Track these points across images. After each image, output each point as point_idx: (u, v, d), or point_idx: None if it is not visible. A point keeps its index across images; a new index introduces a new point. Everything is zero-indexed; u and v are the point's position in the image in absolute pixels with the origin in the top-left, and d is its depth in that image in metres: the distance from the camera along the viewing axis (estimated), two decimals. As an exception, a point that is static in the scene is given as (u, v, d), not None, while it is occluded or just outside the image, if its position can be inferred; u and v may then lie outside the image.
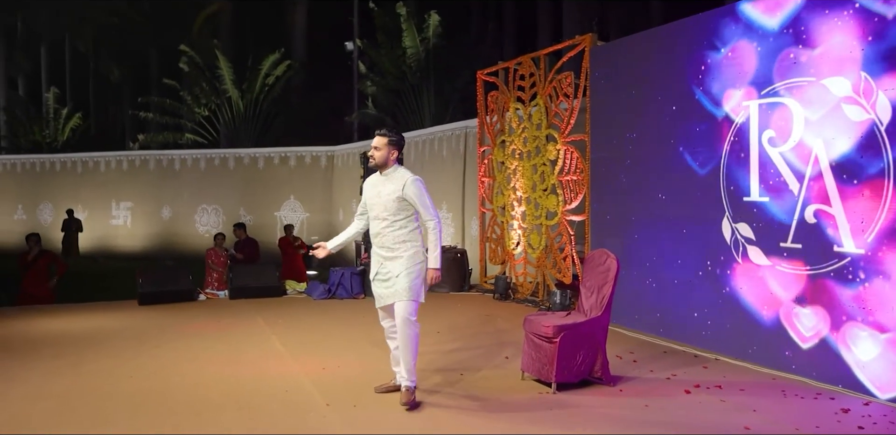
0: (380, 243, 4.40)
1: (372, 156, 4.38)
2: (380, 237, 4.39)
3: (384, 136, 4.38)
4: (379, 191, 4.41)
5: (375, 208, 4.41)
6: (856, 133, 4.45)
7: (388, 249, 4.36)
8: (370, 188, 4.48)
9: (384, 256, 4.38)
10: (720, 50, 5.51)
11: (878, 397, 4.28)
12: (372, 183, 4.49)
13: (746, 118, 5.27)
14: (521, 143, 8.37)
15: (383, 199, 4.37)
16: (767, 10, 5.08)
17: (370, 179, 4.53)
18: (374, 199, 4.42)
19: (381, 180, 4.44)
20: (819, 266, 4.70)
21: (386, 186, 4.39)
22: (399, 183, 4.35)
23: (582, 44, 7.39)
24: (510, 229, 8.69)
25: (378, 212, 4.40)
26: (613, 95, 6.86)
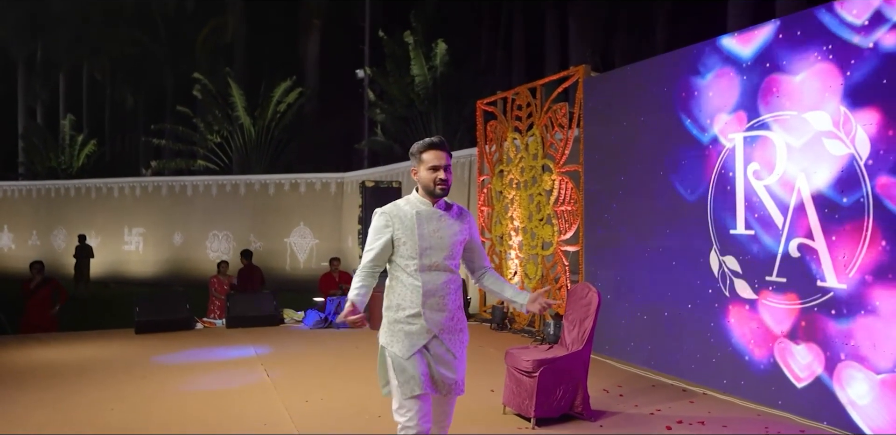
0: (436, 306, 2.99)
1: (446, 178, 3.00)
2: (437, 297, 2.99)
3: (447, 152, 3.04)
4: (438, 228, 3.03)
5: (434, 254, 3.00)
6: (836, 167, 4.42)
7: (450, 315, 3.03)
8: (419, 225, 3.02)
9: (444, 324, 3.01)
10: (706, 82, 5.52)
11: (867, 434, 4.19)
12: (423, 217, 3.03)
13: (732, 150, 5.25)
14: (519, 173, 8.39)
15: (448, 241, 3.03)
16: (742, 43, 5.09)
17: (407, 212, 3.04)
18: (431, 241, 3.01)
19: (436, 215, 3.05)
20: (804, 301, 4.63)
21: (448, 223, 3.05)
22: (464, 219, 3.12)
23: (576, 75, 7.43)
24: (507, 259, 8.67)
25: (438, 259, 3.01)
26: (606, 126, 6.87)
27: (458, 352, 3.09)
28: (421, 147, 3.04)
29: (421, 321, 2.98)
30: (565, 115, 7.51)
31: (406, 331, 2.98)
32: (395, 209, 3.08)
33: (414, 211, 3.04)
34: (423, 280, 2.99)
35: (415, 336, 2.99)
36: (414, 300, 2.98)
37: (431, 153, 3.01)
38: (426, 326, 2.98)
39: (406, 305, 2.99)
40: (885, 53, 4.13)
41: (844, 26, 4.40)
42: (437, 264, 3.01)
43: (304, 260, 17.67)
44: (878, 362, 4.11)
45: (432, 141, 3.03)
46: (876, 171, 4.16)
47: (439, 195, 3.03)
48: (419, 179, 3.05)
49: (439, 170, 3.00)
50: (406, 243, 3.00)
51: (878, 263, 4.15)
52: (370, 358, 6.92)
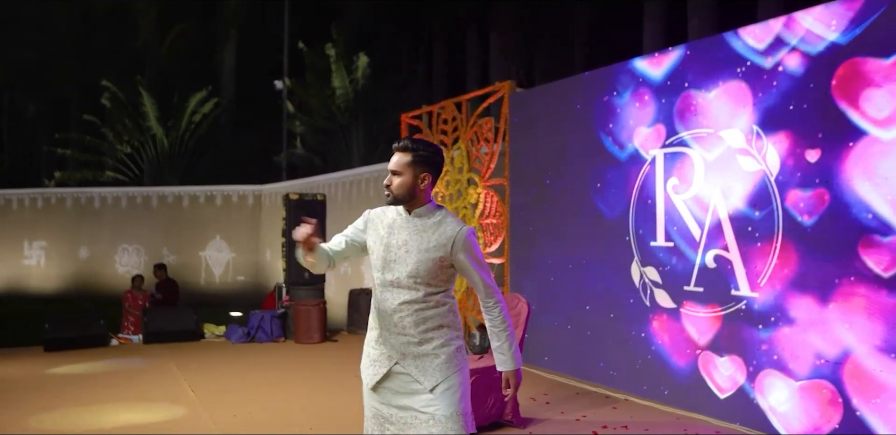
0: (393, 326, 2.63)
1: (388, 184, 2.65)
2: (395, 316, 2.62)
3: (407, 152, 2.64)
4: (406, 241, 2.66)
5: (395, 268, 2.64)
6: (749, 183, 4.71)
7: (410, 339, 2.62)
8: (390, 233, 2.69)
9: (402, 350, 2.62)
10: (623, 102, 5.78)
11: None
12: (396, 226, 2.70)
13: (653, 166, 5.52)
14: (444, 187, 8.50)
15: (415, 255, 2.63)
16: (654, 65, 5.38)
17: (388, 218, 2.73)
18: (394, 253, 2.65)
19: (410, 224, 2.68)
20: (720, 309, 4.90)
21: (422, 237, 2.66)
22: (445, 236, 2.65)
23: (501, 90, 7.62)
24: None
25: (399, 274, 2.63)
26: (531, 141, 7.07)
27: (432, 381, 2.58)
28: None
29: (381, 346, 2.67)
30: (491, 129, 7.68)
31: (371, 357, 2.69)
32: (379, 213, 2.78)
33: (391, 218, 2.74)
34: (381, 297, 2.67)
35: (377, 363, 2.66)
36: (375, 320, 2.71)
37: (393, 156, 2.71)
38: (386, 352, 2.65)
39: (372, 324, 2.73)
40: (789, 75, 4.46)
41: (750, 50, 4.73)
42: (398, 281, 2.63)
43: (219, 274, 17.23)
44: (797, 369, 4.37)
45: (394, 144, 2.74)
46: (785, 186, 4.46)
47: (388, 202, 2.71)
48: None
49: (389, 175, 2.68)
50: (373, 253, 2.71)
51: (787, 272, 4.45)
52: (296, 370, 6.86)
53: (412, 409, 2.58)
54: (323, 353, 7.88)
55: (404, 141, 2.69)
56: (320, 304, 8.60)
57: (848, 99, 4.15)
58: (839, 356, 4.13)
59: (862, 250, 4.03)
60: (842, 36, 4.21)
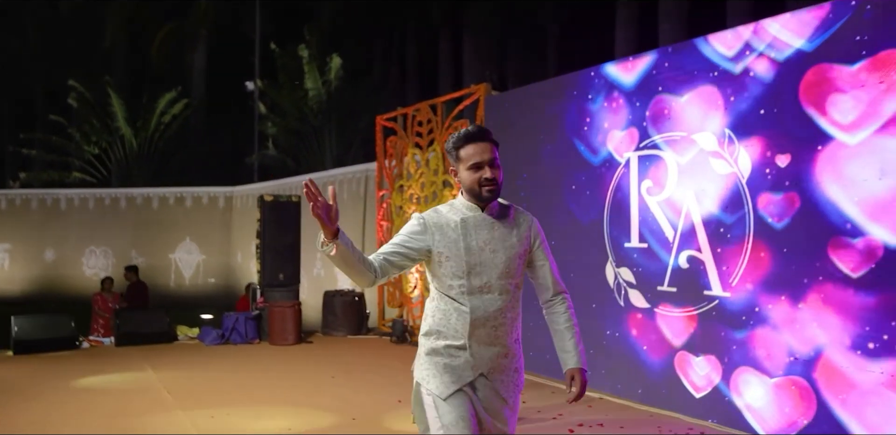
0: (486, 337, 2.39)
1: (493, 177, 2.38)
2: (489, 328, 2.39)
3: (492, 142, 2.42)
4: (490, 240, 2.41)
5: (483, 272, 2.39)
6: (721, 185, 4.83)
7: (504, 351, 2.44)
8: (466, 235, 2.40)
9: (496, 362, 2.42)
10: (597, 107, 5.88)
11: None
12: (470, 225, 2.41)
13: (627, 169, 5.62)
14: (419, 188, 8.54)
15: (503, 254, 2.42)
16: (626, 70, 5.49)
17: (451, 219, 2.42)
18: (479, 255, 2.39)
19: (487, 223, 2.43)
20: (692, 308, 5.01)
21: (504, 232, 2.44)
22: (525, 226, 2.50)
23: (477, 93, 7.70)
24: (408, 273, 8.78)
25: (489, 277, 2.39)
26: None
27: (512, 399, 2.44)
28: (456, 141, 2.41)
29: (466, 355, 2.36)
30: (466, 132, 7.74)
31: (446, 364, 2.37)
32: (435, 216, 2.43)
33: (458, 218, 2.41)
34: (471, 305, 2.36)
35: (458, 370, 2.36)
36: (459, 329, 2.37)
37: (471, 147, 2.38)
38: (472, 362, 2.37)
39: (448, 334, 2.38)
40: (758, 80, 4.59)
41: (720, 56, 4.85)
42: (490, 285, 2.37)
43: (189, 276, 17.08)
44: (771, 367, 4.49)
45: (469, 132, 2.40)
46: (756, 189, 4.59)
47: (487, 199, 2.39)
48: (461, 181, 2.43)
49: (483, 167, 2.36)
50: (450, 259, 2.36)
51: (759, 273, 4.57)
52: (272, 371, 6.85)
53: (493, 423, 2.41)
54: (298, 354, 7.86)
55: (486, 129, 2.43)
56: (295, 305, 8.58)
57: (815, 104, 4.28)
58: (811, 354, 4.26)
59: (831, 251, 4.15)
60: (808, 43, 4.34)
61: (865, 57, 4.03)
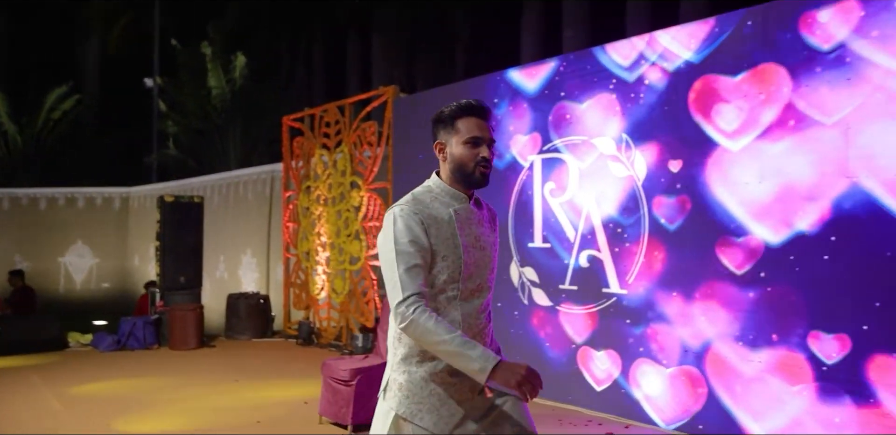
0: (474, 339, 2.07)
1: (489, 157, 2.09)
2: (481, 332, 2.12)
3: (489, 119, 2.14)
4: (478, 235, 2.13)
5: (478, 273, 2.10)
6: (619, 187, 5.07)
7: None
8: (461, 230, 2.08)
9: None
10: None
11: (662, 427, 4.79)
12: (462, 219, 2.10)
13: (530, 171, 5.80)
14: (327, 190, 8.50)
15: (490, 251, 2.16)
16: (529, 76, 5.69)
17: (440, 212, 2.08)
18: (473, 254, 2.09)
19: (472, 215, 2.14)
20: (592, 305, 5.23)
21: (486, 226, 2.19)
22: (495, 221, 2.27)
23: (385, 95, 7.74)
24: (314, 274, 8.72)
25: (482, 279, 2.12)
26: (414, 145, 7.22)
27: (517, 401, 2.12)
28: (456, 110, 2.11)
29: (462, 377, 2.00)
30: (374, 133, 7.78)
31: (441, 393, 2.01)
32: (424, 208, 2.04)
33: (450, 210, 2.07)
34: (463, 311, 2.05)
35: (454, 401, 2.02)
36: None
37: (471, 121, 2.09)
38: (469, 383, 2.02)
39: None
40: (652, 89, 4.85)
41: (617, 65, 5.10)
42: (481, 287, 2.10)
43: (81, 281, 16.27)
44: (666, 359, 4.73)
45: (471, 103, 2.11)
46: (651, 192, 4.84)
47: (478, 182, 2.08)
48: (450, 158, 2.10)
49: (482, 145, 2.07)
50: (446, 259, 2.02)
51: (653, 271, 4.82)
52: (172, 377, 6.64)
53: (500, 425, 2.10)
54: (201, 358, 7.67)
55: (488, 107, 2.15)
56: (197, 309, 8.37)
57: (703, 112, 4.57)
58: (701, 346, 4.53)
59: (719, 250, 4.44)
60: (695, 55, 4.62)
61: (747, 69, 4.34)
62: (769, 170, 4.21)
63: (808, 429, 3.98)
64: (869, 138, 3.79)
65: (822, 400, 3.93)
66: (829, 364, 3.90)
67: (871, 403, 3.73)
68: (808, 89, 4.05)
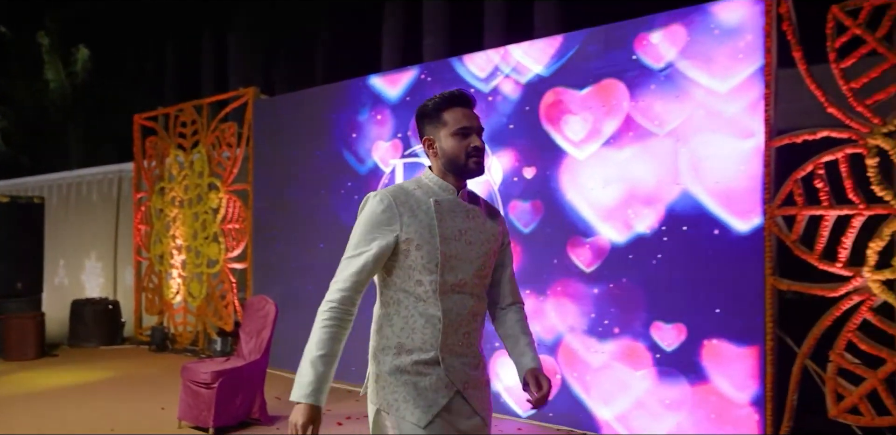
0: (457, 345, 2.02)
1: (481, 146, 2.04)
2: (461, 331, 2.02)
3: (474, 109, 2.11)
4: (464, 229, 2.04)
5: (459, 266, 2.01)
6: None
7: (475, 362, 2.07)
8: (441, 220, 2.00)
9: (469, 375, 2.04)
10: (364, 117, 6.19)
11: (520, 415, 5.09)
12: (445, 210, 2.03)
13: (392, 175, 5.98)
14: (183, 191, 8.26)
15: (478, 248, 2.06)
16: (391, 84, 5.89)
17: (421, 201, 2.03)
18: (454, 246, 2.00)
19: (463, 208, 2.07)
20: (451, 303, 5.48)
21: (478, 222, 2.09)
22: (498, 219, 2.17)
23: (245, 96, 7.65)
24: (169, 278, 8.44)
25: (465, 274, 2.02)
26: (275, 147, 7.20)
27: (489, 418, 2.08)
28: (440, 102, 2.06)
29: (438, 371, 1.97)
30: (234, 134, 7.66)
31: (415, 383, 1.96)
32: (402, 195, 2.00)
33: (431, 199, 2.01)
34: (443, 307, 1.97)
35: (430, 393, 1.95)
36: (428, 338, 1.97)
37: (458, 111, 2.04)
38: (445, 380, 1.97)
39: (413, 346, 1.98)
40: (506, 99, 5.18)
41: (473, 76, 5.40)
42: (465, 283, 2.01)
43: None
44: None
45: (455, 94, 2.06)
46: (508, 196, 5.16)
47: (473, 171, 2.02)
48: (441, 152, 2.04)
49: (471, 135, 2.02)
50: (421, 248, 1.96)
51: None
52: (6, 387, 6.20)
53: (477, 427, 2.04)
54: (42, 368, 7.21)
55: (468, 92, 2.10)
56: (37, 317, 7.85)
57: (552, 123, 4.94)
58: (554, 340, 4.89)
59: (570, 250, 4.82)
60: (545, 69, 5.00)
61: (591, 84, 4.75)
62: (612, 176, 4.63)
63: (650, 407, 4.43)
64: (694, 149, 4.28)
65: (661, 382, 4.38)
66: (668, 350, 4.36)
67: (703, 382, 4.22)
68: (643, 103, 4.51)
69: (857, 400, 3.80)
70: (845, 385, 3.86)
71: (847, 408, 3.84)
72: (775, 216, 4.01)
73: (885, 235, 3.70)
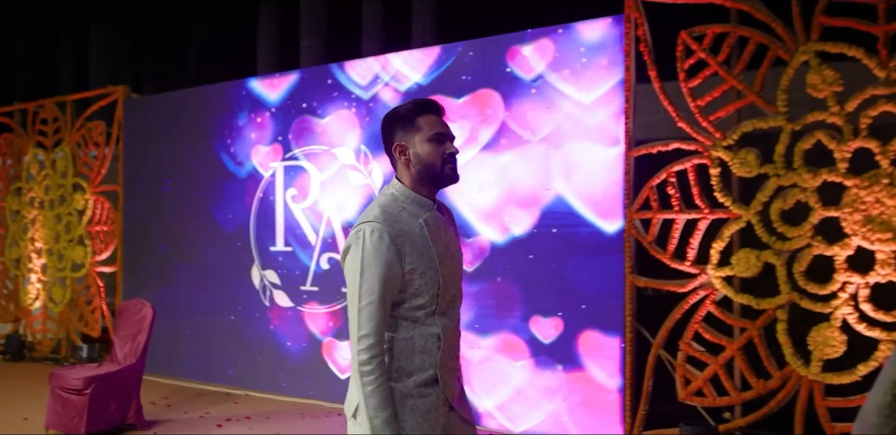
0: (452, 362, 2.03)
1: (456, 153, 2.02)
2: (454, 349, 2.04)
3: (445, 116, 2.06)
4: (447, 242, 2.03)
5: (452, 284, 2.01)
6: (359, 194, 5.49)
7: (459, 373, 2.09)
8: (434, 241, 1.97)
9: (457, 388, 2.07)
10: (243, 121, 6.18)
11: None
12: (431, 227, 1.98)
13: (272, 177, 6.00)
14: (43, 192, 7.85)
15: (458, 258, 2.08)
16: (271, 87, 5.94)
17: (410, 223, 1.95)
18: (448, 264, 2.00)
19: (439, 221, 2.02)
20: (334, 305, 5.58)
21: (451, 230, 2.08)
22: (454, 222, 2.16)
23: (115, 94, 7.38)
24: (27, 283, 7.97)
25: (456, 290, 2.03)
26: (148, 148, 7.01)
27: (474, 421, 2.11)
28: (414, 108, 2.00)
29: (437, 390, 1.95)
30: (102, 133, 7.37)
31: (420, 408, 1.92)
32: (394, 223, 1.91)
33: (420, 221, 1.96)
34: (442, 325, 1.96)
35: (433, 415, 1.93)
36: (427, 359, 1.94)
37: (432, 117, 2.00)
38: (443, 396, 1.96)
39: (414, 368, 1.94)
40: (385, 106, 5.35)
41: (353, 83, 5.54)
42: (455, 298, 2.02)
43: None
44: None
45: (426, 101, 2.01)
46: (386, 198, 5.32)
47: (449, 179, 1.99)
48: (415, 158, 1.98)
49: (446, 142, 1.98)
50: (425, 275, 1.92)
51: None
52: None
53: None
54: None
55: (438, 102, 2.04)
56: None
57: (433, 129, 5.15)
58: (426, 337, 5.09)
59: (444, 250, 5.04)
60: (424, 78, 5.22)
61: (469, 93, 5.01)
62: (490, 181, 4.90)
63: (528, 395, 4.71)
64: (565, 156, 4.63)
65: (539, 371, 4.67)
66: (547, 343, 4.66)
67: (578, 369, 4.54)
68: (517, 113, 4.81)
69: (702, 384, 4.25)
70: (692, 371, 4.30)
71: (693, 391, 4.28)
72: (634, 220, 4.41)
73: (725, 236, 4.16)
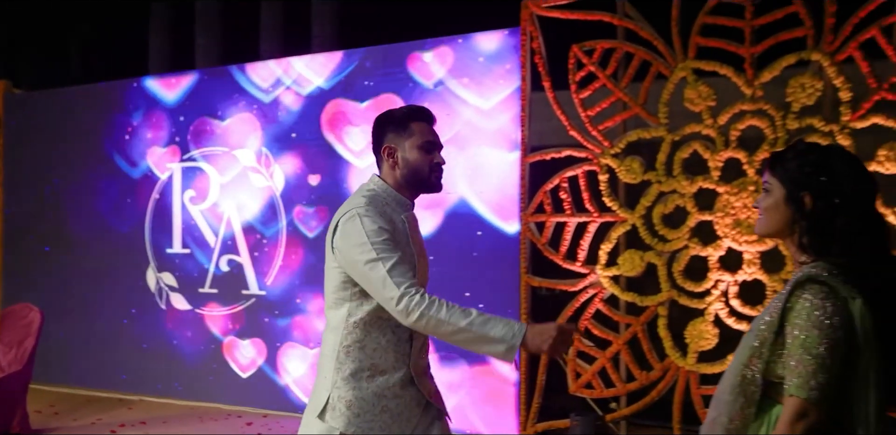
0: (423, 360, 2.12)
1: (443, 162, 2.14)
2: (423, 345, 2.11)
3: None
4: (421, 241, 2.17)
5: (424, 278, 2.15)
6: (260, 196, 5.49)
7: (428, 368, 2.17)
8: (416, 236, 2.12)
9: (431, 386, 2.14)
10: (138, 121, 6.03)
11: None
12: (411, 225, 2.11)
13: (169, 179, 5.89)
14: (-87, 190, 7.34)
15: (425, 258, 2.18)
16: (168, 87, 5.85)
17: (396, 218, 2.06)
18: (423, 262, 2.12)
19: (415, 220, 2.16)
20: (234, 306, 5.54)
21: (418, 230, 2.20)
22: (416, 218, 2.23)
23: (-6, 89, 7.01)
24: None
25: (424, 283, 2.16)
26: (32, 147, 6.69)
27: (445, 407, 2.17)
28: (409, 113, 2.08)
29: (412, 390, 2.01)
30: (-21, 130, 6.98)
31: (392, 410, 1.96)
32: (382, 212, 1.98)
33: (402, 217, 2.05)
34: None
35: (402, 417, 1.98)
36: (400, 356, 1.99)
37: (425, 125, 2.07)
38: (418, 396, 2.02)
39: (388, 366, 1.98)
40: (288, 109, 5.39)
41: (254, 86, 5.54)
42: None
43: None
44: (312, 342, 5.25)
45: (419, 109, 2.08)
46: (291, 202, 5.35)
47: (434, 187, 2.08)
48: (403, 162, 2.06)
49: (434, 151, 2.06)
50: None
51: (291, 273, 5.33)
52: None
53: None
54: None
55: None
56: None
57: (335, 133, 5.24)
58: (328, 338, 5.15)
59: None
60: (326, 82, 5.29)
61: (371, 98, 5.12)
62: (388, 184, 5.01)
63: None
64: (467, 160, 4.80)
65: (443, 366, 4.79)
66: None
67: (483, 363, 4.70)
68: (418, 119, 4.95)
69: (591, 376, 4.53)
70: (582, 365, 4.57)
71: (583, 384, 4.55)
72: (529, 222, 4.64)
73: (612, 238, 4.46)
